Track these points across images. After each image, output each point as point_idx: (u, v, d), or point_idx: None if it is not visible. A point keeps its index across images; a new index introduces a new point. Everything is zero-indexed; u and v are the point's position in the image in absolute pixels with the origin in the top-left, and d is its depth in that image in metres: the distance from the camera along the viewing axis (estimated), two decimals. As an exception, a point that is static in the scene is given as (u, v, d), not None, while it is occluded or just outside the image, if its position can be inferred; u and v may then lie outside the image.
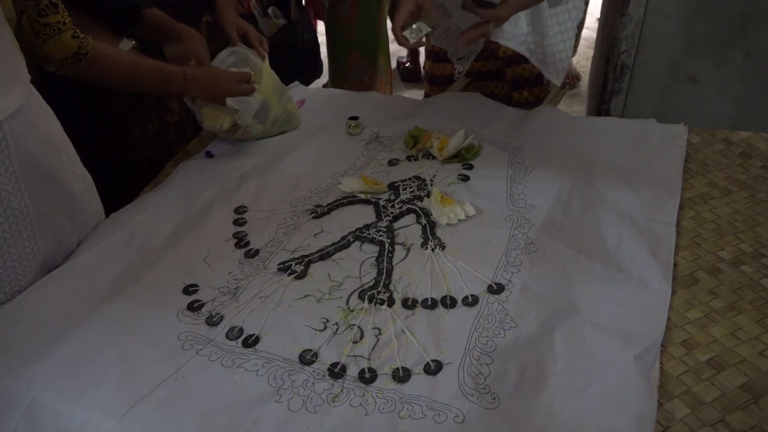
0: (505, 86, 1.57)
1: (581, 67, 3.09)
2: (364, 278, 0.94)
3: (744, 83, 1.77)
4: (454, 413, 0.73)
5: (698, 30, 1.73)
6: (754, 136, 1.25)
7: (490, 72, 1.59)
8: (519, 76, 1.54)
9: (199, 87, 1.22)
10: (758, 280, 0.92)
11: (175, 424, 0.73)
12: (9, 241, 0.89)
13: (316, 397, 0.76)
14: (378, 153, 1.29)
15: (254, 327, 0.86)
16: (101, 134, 1.35)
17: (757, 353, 0.80)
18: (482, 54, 1.55)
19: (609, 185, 1.12)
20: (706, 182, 1.15)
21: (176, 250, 1.01)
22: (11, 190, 0.88)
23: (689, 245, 1.00)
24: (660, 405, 0.74)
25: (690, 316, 0.86)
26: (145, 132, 1.38)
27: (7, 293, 0.91)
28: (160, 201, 1.15)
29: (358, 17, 2.13)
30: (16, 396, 0.77)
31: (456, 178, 1.18)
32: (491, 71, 1.58)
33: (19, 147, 0.87)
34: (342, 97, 1.56)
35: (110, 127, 1.35)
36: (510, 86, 1.56)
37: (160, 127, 1.40)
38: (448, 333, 0.84)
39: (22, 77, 0.90)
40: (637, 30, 1.77)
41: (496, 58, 1.55)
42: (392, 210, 1.09)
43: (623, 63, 1.83)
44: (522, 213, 1.07)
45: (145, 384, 0.77)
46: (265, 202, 1.14)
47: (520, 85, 1.55)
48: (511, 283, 0.91)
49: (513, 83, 1.55)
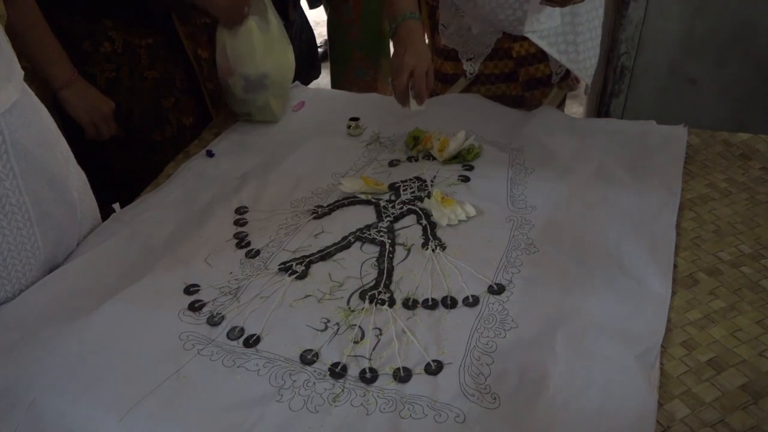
0: (518, 87, 1.56)
1: (581, 69, 3.09)
2: (364, 278, 0.94)
3: (743, 85, 1.78)
4: (455, 413, 0.73)
5: (698, 32, 1.74)
6: (754, 137, 1.25)
7: (502, 74, 1.56)
8: (532, 77, 1.52)
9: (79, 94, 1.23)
10: (758, 281, 0.92)
11: (176, 423, 0.73)
12: (8, 238, 0.89)
13: (317, 397, 0.76)
14: (379, 154, 1.29)
15: (255, 327, 0.86)
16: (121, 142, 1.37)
17: (757, 354, 0.80)
18: (496, 54, 1.52)
19: (609, 186, 1.13)
20: (706, 184, 1.15)
21: (177, 250, 1.01)
22: (9, 187, 0.87)
23: (689, 246, 1.00)
24: (660, 405, 0.74)
25: (690, 316, 0.87)
26: (164, 135, 1.40)
27: (8, 292, 0.91)
28: (161, 201, 1.15)
29: (361, 17, 2.13)
30: (17, 395, 0.77)
31: (456, 178, 1.18)
32: (503, 73, 1.55)
33: (16, 143, 0.87)
34: (342, 97, 1.56)
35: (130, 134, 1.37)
36: (523, 87, 1.55)
37: (178, 130, 1.42)
38: (449, 333, 0.84)
39: (15, 73, 0.90)
40: (637, 32, 1.77)
41: (509, 59, 1.53)
42: (393, 211, 1.09)
43: (623, 65, 1.84)
44: (522, 214, 1.07)
45: (146, 384, 0.77)
46: (265, 202, 1.14)
47: (532, 85, 1.54)
48: (512, 283, 0.92)
49: (526, 84, 1.54)
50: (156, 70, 1.36)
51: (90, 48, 1.28)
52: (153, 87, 1.37)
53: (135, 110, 1.36)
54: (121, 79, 1.33)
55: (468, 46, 1.53)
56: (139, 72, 1.34)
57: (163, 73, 1.38)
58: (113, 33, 1.29)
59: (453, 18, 1.51)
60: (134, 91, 1.34)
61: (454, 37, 1.53)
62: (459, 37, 1.53)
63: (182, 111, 1.43)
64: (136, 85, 1.34)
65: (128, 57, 1.32)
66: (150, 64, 1.35)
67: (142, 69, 1.35)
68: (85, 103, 1.24)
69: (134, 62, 1.33)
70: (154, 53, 1.35)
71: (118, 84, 1.33)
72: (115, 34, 1.29)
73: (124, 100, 1.34)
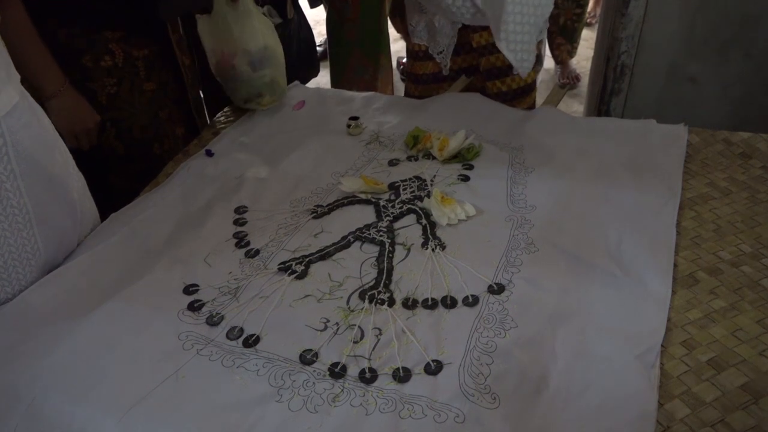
0: (480, 78, 1.58)
1: (581, 68, 3.09)
2: (364, 278, 0.94)
3: (744, 84, 1.77)
4: (455, 413, 0.73)
5: (698, 30, 1.73)
6: (754, 136, 1.25)
7: (470, 67, 1.60)
8: (493, 66, 1.54)
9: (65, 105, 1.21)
10: (758, 280, 0.92)
11: (175, 423, 0.73)
12: (9, 239, 0.89)
13: (316, 397, 0.76)
14: (378, 153, 1.29)
15: (255, 327, 0.86)
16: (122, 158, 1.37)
17: (757, 353, 0.80)
18: (463, 48, 1.57)
19: (609, 186, 1.12)
20: (706, 182, 1.15)
21: (177, 249, 1.01)
22: (10, 188, 0.88)
23: (689, 245, 1.00)
24: (660, 405, 0.74)
25: (690, 316, 0.86)
26: (162, 148, 1.40)
27: (8, 292, 0.91)
28: (160, 201, 1.15)
29: (360, 16, 2.13)
30: (17, 395, 0.77)
31: (456, 178, 1.18)
32: (472, 66, 1.60)
33: (17, 144, 0.87)
34: (342, 97, 1.56)
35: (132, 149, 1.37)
36: (484, 77, 1.56)
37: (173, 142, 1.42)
38: (449, 333, 0.84)
39: (13, 76, 0.91)
40: (637, 30, 1.77)
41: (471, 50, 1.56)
42: (392, 210, 1.09)
43: (623, 63, 1.83)
44: (522, 213, 1.07)
45: (145, 383, 0.77)
46: (265, 202, 1.14)
47: (494, 75, 1.55)
48: (512, 283, 0.91)
49: (487, 74, 1.55)
50: (152, 82, 1.36)
51: (90, 63, 1.27)
52: (151, 100, 1.36)
53: (135, 125, 1.35)
54: (122, 93, 1.32)
55: (436, 40, 1.58)
56: (138, 85, 1.34)
57: (158, 84, 1.37)
58: (113, 45, 1.28)
59: (420, 15, 1.56)
60: (134, 105, 1.34)
61: (423, 34, 1.59)
62: (427, 33, 1.58)
63: (175, 121, 1.43)
64: (136, 99, 1.34)
65: (128, 70, 1.31)
66: (147, 76, 1.35)
67: (141, 82, 1.34)
68: (70, 114, 1.22)
69: (133, 75, 1.33)
70: (150, 65, 1.34)
71: (118, 99, 1.32)
72: (115, 46, 1.28)
73: (126, 115, 1.33)
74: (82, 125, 1.24)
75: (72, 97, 1.22)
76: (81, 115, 1.24)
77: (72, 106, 1.22)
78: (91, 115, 1.26)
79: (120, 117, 1.32)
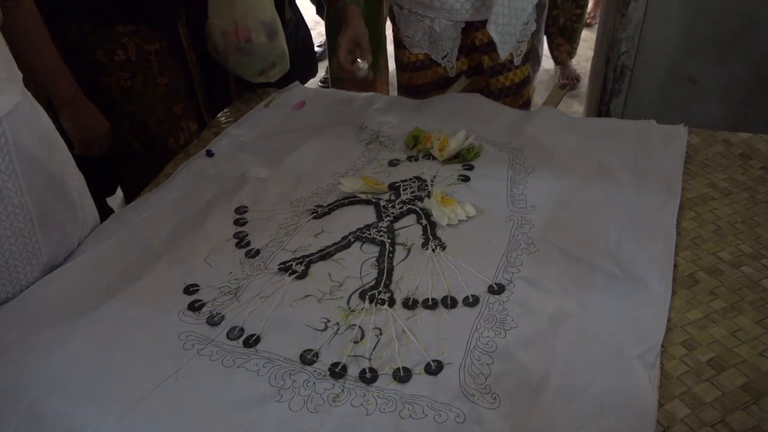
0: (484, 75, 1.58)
1: (581, 68, 3.10)
2: (364, 278, 0.94)
3: (744, 84, 1.77)
4: (455, 413, 0.73)
5: (698, 31, 1.73)
6: (754, 137, 1.25)
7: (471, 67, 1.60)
8: (496, 62, 1.54)
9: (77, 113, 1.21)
10: (758, 280, 0.92)
11: (175, 424, 0.73)
12: (10, 239, 0.89)
13: (317, 397, 0.76)
14: (378, 153, 1.29)
15: (255, 327, 0.86)
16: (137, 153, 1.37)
17: (757, 354, 0.80)
18: (462, 50, 1.56)
19: (609, 186, 1.12)
20: (706, 183, 1.15)
21: (177, 249, 1.01)
22: (12, 188, 0.88)
23: (689, 246, 1.00)
24: (660, 405, 0.74)
25: (690, 316, 0.87)
26: (178, 142, 1.40)
27: (8, 292, 0.91)
28: (160, 201, 1.15)
29: None
30: (16, 395, 0.77)
31: (456, 178, 1.18)
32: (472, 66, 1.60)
33: (18, 144, 0.87)
34: (342, 97, 1.56)
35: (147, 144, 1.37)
36: (488, 74, 1.57)
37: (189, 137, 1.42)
38: (449, 333, 0.84)
39: (15, 75, 0.90)
40: (637, 31, 1.77)
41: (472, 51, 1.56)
42: (393, 210, 1.09)
43: (623, 64, 1.83)
44: (522, 213, 1.07)
45: (146, 384, 0.77)
46: (265, 202, 1.14)
47: (497, 71, 1.56)
48: (512, 283, 0.91)
49: (491, 70, 1.56)
50: (165, 76, 1.36)
51: (104, 57, 1.27)
52: (165, 94, 1.37)
53: (150, 119, 1.35)
54: (136, 87, 1.32)
55: (437, 45, 1.56)
56: (152, 79, 1.34)
57: (171, 79, 1.38)
58: (126, 39, 1.28)
59: (416, 25, 1.54)
60: (149, 99, 1.34)
61: (422, 42, 1.57)
62: (427, 41, 1.56)
63: (189, 117, 1.43)
64: (150, 93, 1.34)
65: (141, 64, 1.31)
66: (160, 71, 1.35)
67: (154, 76, 1.34)
68: (81, 123, 1.23)
69: (147, 69, 1.33)
70: (162, 59, 1.34)
71: (133, 93, 1.32)
72: (127, 40, 1.28)
73: (140, 109, 1.33)
74: (92, 133, 1.25)
75: (83, 104, 1.22)
76: (92, 122, 1.24)
77: (83, 114, 1.22)
78: (102, 122, 1.26)
79: (134, 111, 1.32)
